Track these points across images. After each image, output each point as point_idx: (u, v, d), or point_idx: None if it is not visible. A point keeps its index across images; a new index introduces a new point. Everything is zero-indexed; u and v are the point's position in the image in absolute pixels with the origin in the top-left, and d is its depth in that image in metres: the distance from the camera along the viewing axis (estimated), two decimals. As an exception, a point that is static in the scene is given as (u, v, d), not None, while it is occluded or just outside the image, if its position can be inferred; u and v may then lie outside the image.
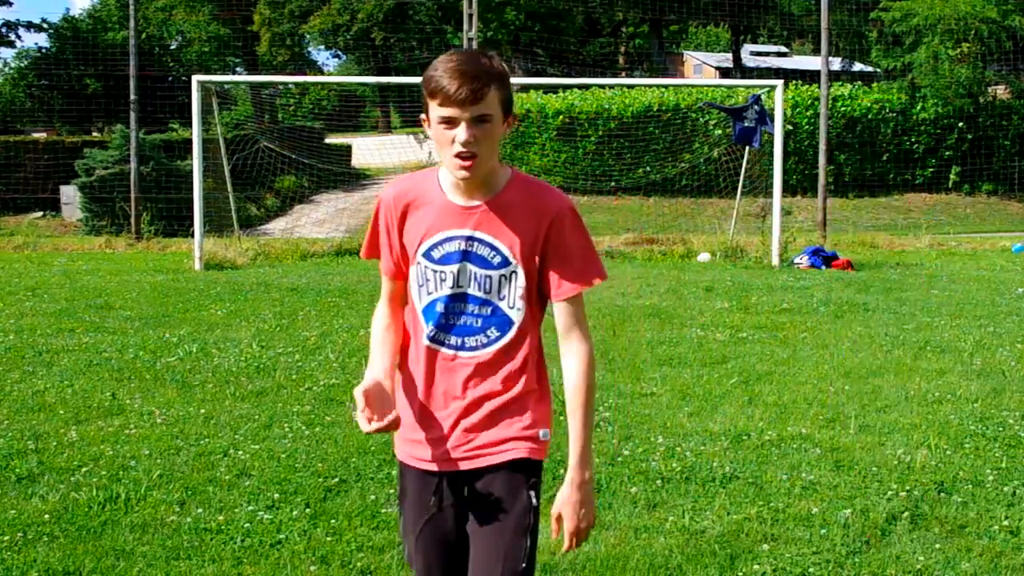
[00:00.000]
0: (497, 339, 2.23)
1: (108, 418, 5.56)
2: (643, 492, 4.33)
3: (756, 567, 3.58)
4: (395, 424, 2.10)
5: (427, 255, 2.21)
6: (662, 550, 3.74)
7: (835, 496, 4.28)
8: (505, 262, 2.18)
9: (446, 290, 2.21)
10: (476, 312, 2.21)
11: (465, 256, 2.19)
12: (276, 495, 4.31)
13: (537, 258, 2.19)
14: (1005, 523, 3.98)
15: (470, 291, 2.20)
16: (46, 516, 4.04)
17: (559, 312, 2.23)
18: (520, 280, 2.20)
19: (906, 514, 4.06)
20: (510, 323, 2.22)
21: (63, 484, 4.44)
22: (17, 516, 4.05)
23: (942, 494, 4.32)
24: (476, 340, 2.22)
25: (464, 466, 2.22)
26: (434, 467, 2.24)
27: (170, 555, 3.69)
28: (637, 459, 4.79)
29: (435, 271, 2.21)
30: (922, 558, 3.65)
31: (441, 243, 2.20)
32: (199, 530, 3.91)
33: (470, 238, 2.18)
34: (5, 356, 7.22)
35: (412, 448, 2.26)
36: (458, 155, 2.08)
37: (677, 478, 4.53)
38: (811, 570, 3.57)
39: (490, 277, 2.20)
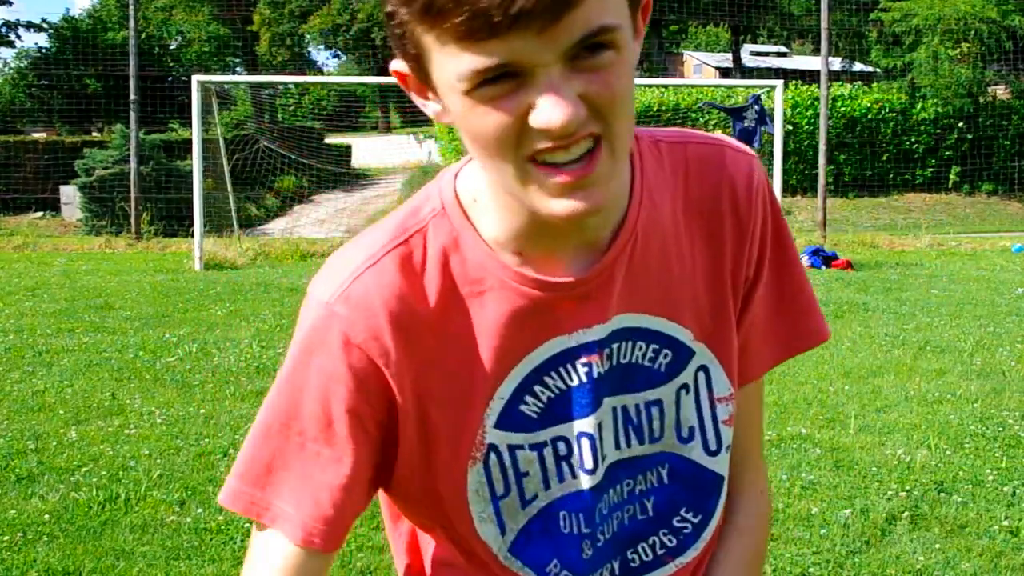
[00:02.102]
0: (697, 531, 1.02)
1: (108, 418, 5.56)
2: (643, 492, 4.33)
3: (756, 567, 3.58)
4: None
5: (509, 421, 0.94)
6: (662, 550, 3.74)
7: (835, 496, 4.28)
8: (684, 355, 0.97)
9: (580, 482, 0.96)
10: (636, 490, 1.00)
11: (603, 385, 0.95)
12: (276, 495, 4.31)
13: (736, 308, 1.00)
14: (1005, 523, 3.98)
15: (621, 454, 0.97)
16: (46, 516, 4.04)
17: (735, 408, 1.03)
18: (720, 379, 1.00)
19: (906, 514, 4.05)
20: (717, 483, 1.02)
21: (63, 484, 4.43)
22: (17, 516, 4.05)
23: (942, 494, 4.32)
24: (652, 545, 1.02)
25: None
26: None
27: (170, 555, 3.69)
28: (637, 459, 4.78)
29: (536, 447, 0.95)
30: (922, 558, 3.65)
31: (536, 378, 0.94)
32: (199, 530, 3.91)
33: (609, 338, 0.94)
34: (5, 356, 7.22)
35: None
36: (551, 165, 0.82)
37: (677, 478, 4.53)
38: (811, 570, 3.57)
39: (659, 404, 0.98)
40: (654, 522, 1.00)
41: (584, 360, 0.93)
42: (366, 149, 29.60)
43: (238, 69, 45.80)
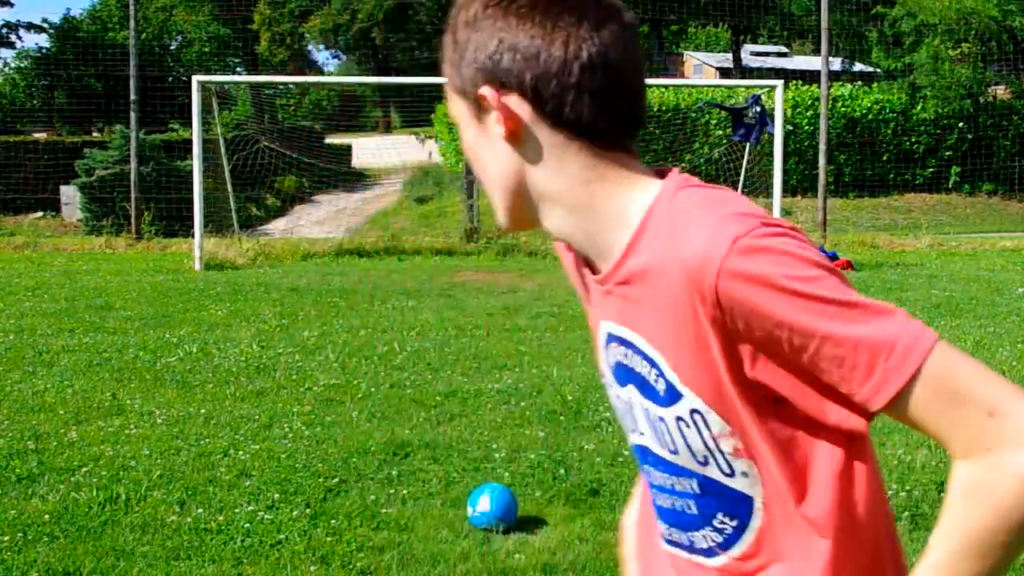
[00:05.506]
0: (737, 532, 1.14)
1: (108, 418, 5.56)
2: (643, 492, 4.33)
3: (756, 567, 3.58)
4: None
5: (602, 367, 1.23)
6: (662, 550, 3.73)
7: (835, 496, 4.28)
8: (674, 393, 1.10)
9: (631, 435, 1.23)
10: (676, 487, 1.18)
11: (623, 371, 1.17)
12: (276, 495, 4.31)
13: (725, 377, 1.05)
14: (1005, 523, 3.98)
15: (652, 446, 1.18)
16: (46, 516, 4.04)
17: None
18: (715, 421, 1.09)
19: (906, 514, 4.05)
20: (746, 500, 1.12)
21: (63, 484, 4.43)
22: (17, 516, 4.05)
23: (942, 494, 4.30)
24: (704, 537, 1.17)
25: None
26: None
27: (170, 555, 3.69)
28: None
29: (613, 395, 1.22)
30: (922, 558, 3.64)
31: (603, 344, 1.19)
32: (199, 530, 3.91)
33: (612, 336, 1.16)
34: (5, 356, 7.22)
35: None
36: None
37: (677, 478, 4.53)
38: (811, 570, 3.57)
39: (663, 421, 1.13)
40: (699, 521, 1.16)
41: (614, 346, 1.16)
42: (366, 149, 29.59)
43: (238, 69, 45.80)
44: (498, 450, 4.93)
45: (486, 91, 1.09)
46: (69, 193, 23.29)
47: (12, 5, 58.47)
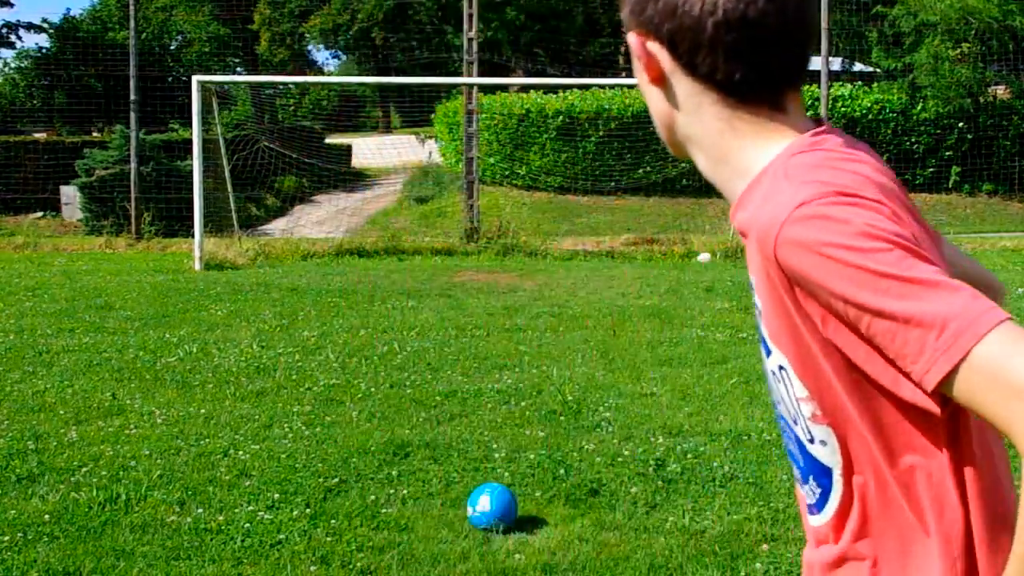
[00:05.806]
0: (820, 502, 1.16)
1: (108, 418, 5.56)
2: (643, 492, 4.33)
3: (757, 566, 3.58)
4: None
5: None
6: (662, 550, 3.74)
7: (835, 496, 4.28)
8: (767, 346, 1.14)
9: (763, 361, 1.23)
10: (792, 437, 1.19)
11: (759, 319, 1.16)
12: (276, 495, 4.31)
13: (808, 337, 1.06)
14: (1005, 523, 3.98)
15: (771, 391, 1.22)
16: (46, 516, 4.04)
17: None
18: (796, 382, 1.11)
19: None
20: (825, 471, 1.13)
21: (63, 484, 4.44)
22: (17, 516, 4.05)
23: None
24: (808, 491, 1.19)
25: None
26: None
27: (170, 555, 3.69)
28: (637, 459, 4.79)
29: None
30: (922, 558, 3.64)
31: None
32: (199, 530, 3.92)
33: (752, 285, 1.14)
34: (5, 356, 7.22)
35: None
36: None
37: (677, 478, 4.53)
38: (811, 570, 3.57)
39: (766, 371, 1.18)
40: (804, 475, 1.17)
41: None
42: (366, 149, 29.58)
43: (238, 69, 45.78)
44: (498, 450, 4.94)
45: (631, 38, 1.15)
46: (69, 193, 23.28)
47: (12, 5, 58.45)
